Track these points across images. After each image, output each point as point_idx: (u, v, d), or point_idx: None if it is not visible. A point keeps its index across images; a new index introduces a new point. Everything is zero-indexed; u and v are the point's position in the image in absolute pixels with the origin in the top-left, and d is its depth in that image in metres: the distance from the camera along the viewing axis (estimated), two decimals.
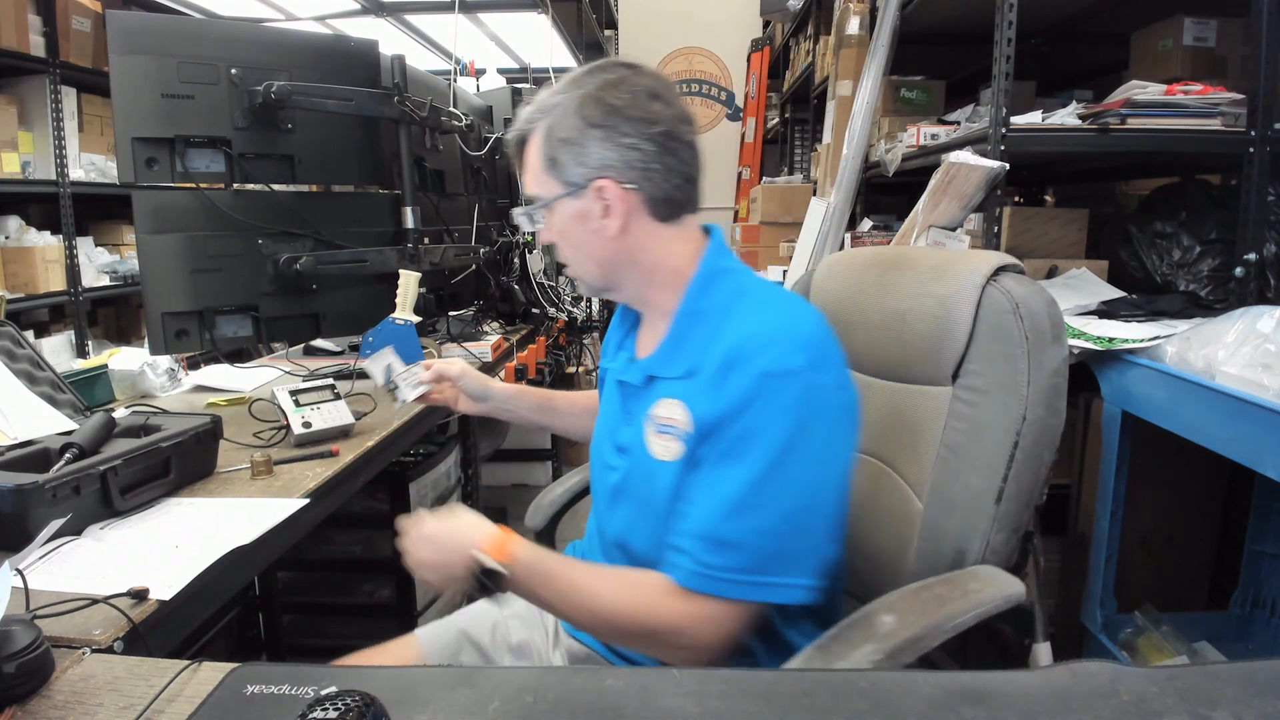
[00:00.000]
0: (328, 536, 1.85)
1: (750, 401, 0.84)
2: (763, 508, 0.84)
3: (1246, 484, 1.94)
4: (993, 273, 1.04)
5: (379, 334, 1.60)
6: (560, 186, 0.96)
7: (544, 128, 0.96)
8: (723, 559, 0.84)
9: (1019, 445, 0.98)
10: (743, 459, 0.85)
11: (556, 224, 0.99)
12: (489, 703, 0.65)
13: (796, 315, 0.92)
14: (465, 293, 2.42)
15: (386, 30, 3.38)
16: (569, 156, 0.94)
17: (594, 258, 0.99)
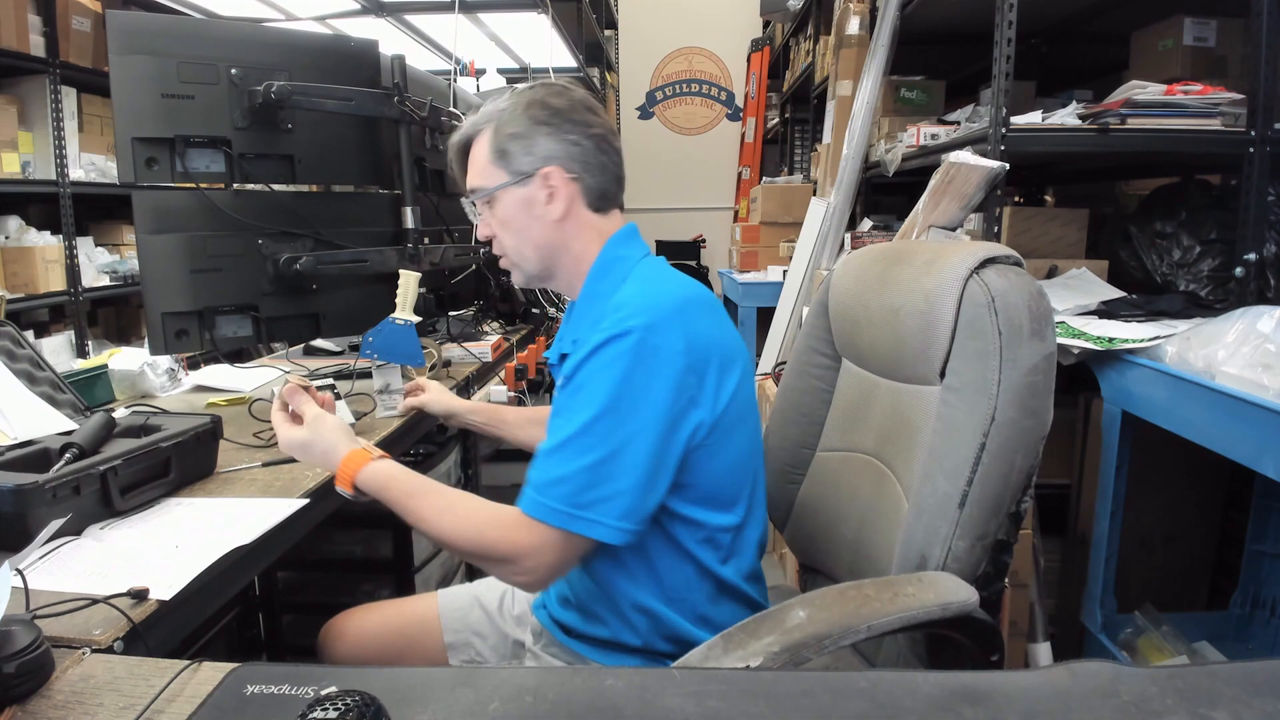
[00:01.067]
0: (328, 536, 1.85)
1: (589, 356, 0.96)
2: (586, 450, 0.94)
3: (1246, 484, 1.95)
4: (979, 265, 0.98)
5: (379, 334, 1.60)
6: (507, 175, 1.07)
7: (492, 128, 1.08)
8: (555, 491, 0.94)
9: (985, 448, 0.92)
10: (575, 406, 0.96)
11: (499, 213, 1.09)
12: (489, 703, 0.65)
13: (656, 287, 1.02)
14: (465, 293, 2.42)
15: (386, 30, 3.38)
16: (518, 148, 1.06)
17: (534, 243, 1.09)
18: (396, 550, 1.82)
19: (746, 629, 0.82)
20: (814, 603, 0.85)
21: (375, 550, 1.86)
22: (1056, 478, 2.17)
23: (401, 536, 1.82)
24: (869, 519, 1.13)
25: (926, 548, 0.96)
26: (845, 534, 1.12)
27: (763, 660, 0.77)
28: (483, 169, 1.09)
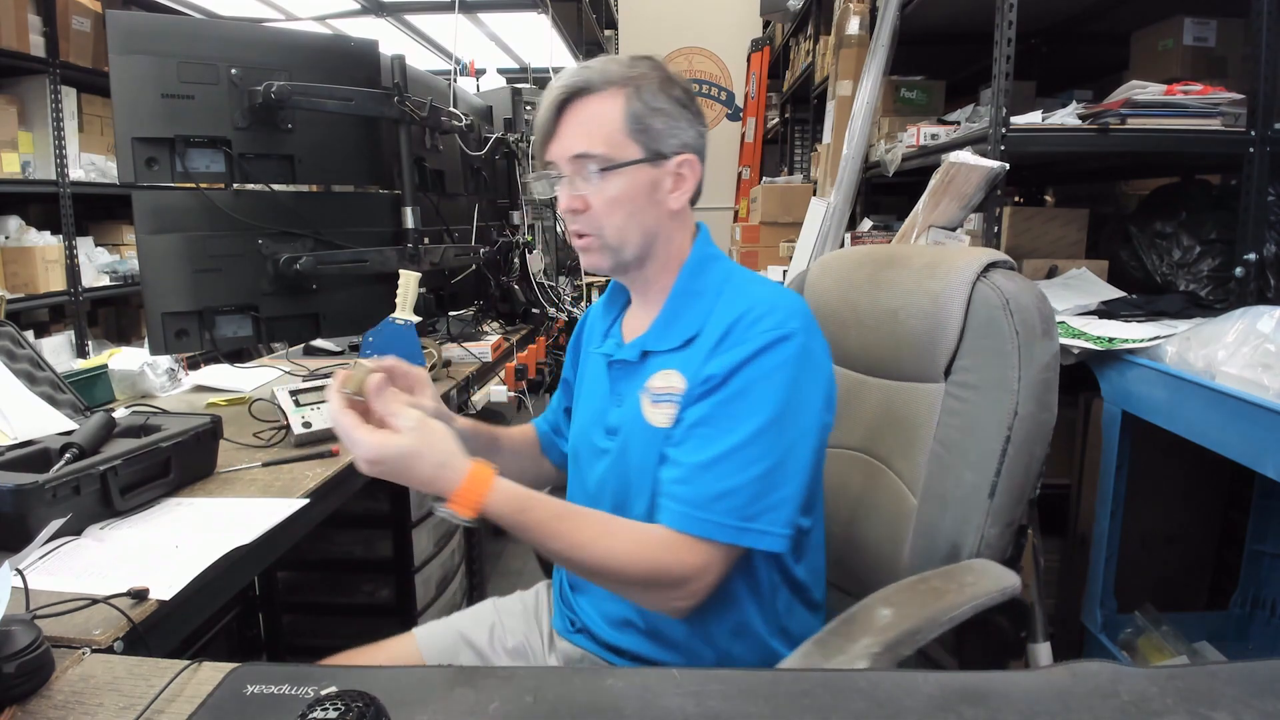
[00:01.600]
0: (328, 536, 1.85)
1: (751, 360, 0.90)
2: (755, 460, 0.88)
3: (1246, 484, 1.94)
4: (983, 269, 1.05)
5: (379, 334, 1.60)
6: (641, 152, 0.96)
7: (627, 93, 0.95)
8: (721, 506, 0.88)
9: (1011, 440, 0.99)
10: (737, 413, 0.90)
11: (611, 189, 0.96)
12: (489, 703, 0.65)
13: (786, 291, 1.00)
14: (465, 293, 2.42)
15: (386, 30, 3.38)
16: (663, 126, 0.96)
17: (644, 228, 0.99)
18: (396, 550, 1.82)
19: (838, 633, 0.83)
20: (892, 600, 0.88)
21: (375, 550, 1.86)
22: (1056, 478, 2.17)
23: (401, 536, 1.82)
24: (860, 513, 1.16)
25: (958, 537, 1.00)
26: (833, 529, 1.13)
27: (868, 662, 0.78)
28: (609, 136, 0.95)
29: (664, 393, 0.97)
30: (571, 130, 0.97)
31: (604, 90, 0.96)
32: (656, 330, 1.01)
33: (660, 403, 0.97)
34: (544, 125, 0.98)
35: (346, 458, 1.33)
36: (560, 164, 0.98)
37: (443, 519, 0.86)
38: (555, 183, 0.99)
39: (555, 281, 2.95)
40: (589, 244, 1.00)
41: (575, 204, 0.97)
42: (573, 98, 0.96)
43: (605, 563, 0.88)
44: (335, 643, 1.99)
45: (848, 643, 0.81)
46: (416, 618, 1.85)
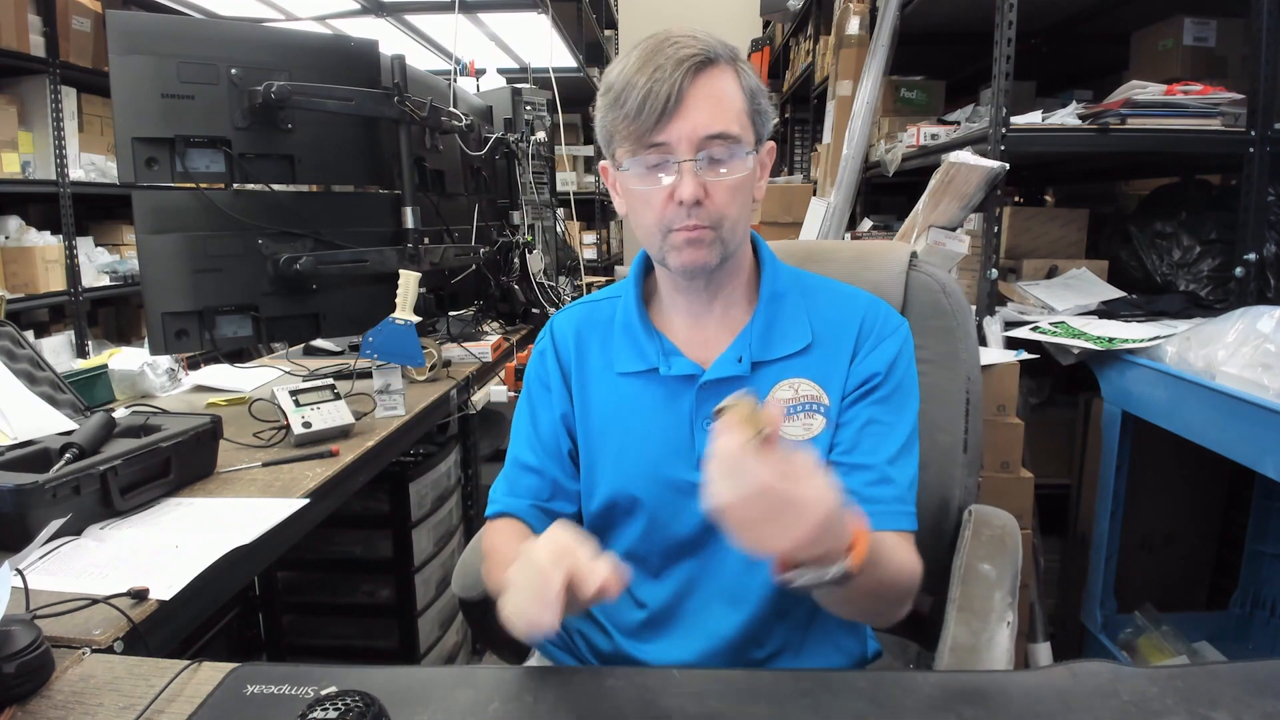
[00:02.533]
0: (328, 536, 1.85)
1: (901, 353, 0.93)
2: (914, 447, 0.92)
3: (1246, 484, 1.95)
4: (910, 260, 1.20)
5: (379, 334, 1.60)
6: (753, 135, 0.88)
7: (736, 70, 0.87)
8: (910, 495, 0.90)
9: (970, 400, 1.16)
10: (904, 407, 0.92)
11: (735, 175, 0.86)
12: (489, 703, 0.65)
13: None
14: (465, 293, 2.42)
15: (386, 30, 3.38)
16: (767, 110, 0.90)
17: (747, 221, 0.91)
18: (396, 550, 1.83)
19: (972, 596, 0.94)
20: (979, 555, 1.00)
21: (375, 550, 1.86)
22: (1056, 478, 2.17)
23: (401, 536, 1.82)
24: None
25: (944, 491, 1.15)
26: None
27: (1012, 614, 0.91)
28: (739, 116, 0.86)
29: (800, 402, 0.91)
30: (704, 106, 0.83)
31: (723, 63, 0.86)
32: (758, 337, 0.93)
33: (800, 414, 0.91)
34: (665, 101, 0.82)
35: (346, 457, 1.33)
36: (680, 147, 0.84)
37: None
38: (670, 166, 0.85)
39: (555, 281, 2.95)
40: (703, 236, 0.86)
41: (700, 193, 0.84)
42: (704, 67, 0.84)
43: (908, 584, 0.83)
44: (335, 643, 2.00)
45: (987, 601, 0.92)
46: (416, 618, 1.85)
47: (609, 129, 0.88)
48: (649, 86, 0.83)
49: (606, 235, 5.74)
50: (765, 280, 0.95)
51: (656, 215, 0.87)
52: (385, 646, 1.86)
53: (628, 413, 0.96)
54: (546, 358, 1.02)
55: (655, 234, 0.89)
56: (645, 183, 0.87)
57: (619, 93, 0.85)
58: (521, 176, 2.71)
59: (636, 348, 0.96)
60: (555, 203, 3.03)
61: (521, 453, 1.01)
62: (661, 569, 0.96)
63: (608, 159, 0.93)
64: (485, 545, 0.97)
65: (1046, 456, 2.08)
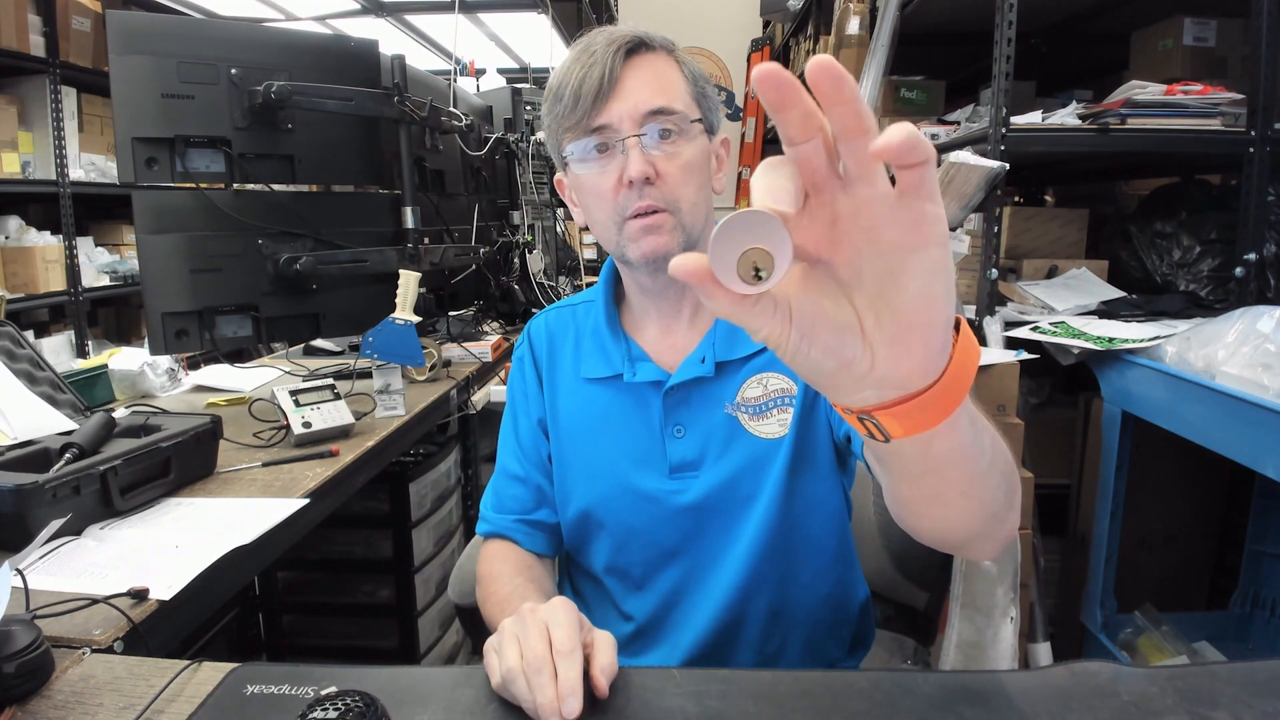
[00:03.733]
0: (328, 536, 1.85)
1: None
2: None
3: (1246, 484, 1.95)
4: None
5: (379, 334, 1.60)
6: (700, 117, 0.87)
7: (677, 60, 0.88)
8: None
9: None
10: None
11: (687, 153, 0.85)
12: (489, 703, 0.65)
13: None
14: (465, 293, 2.42)
15: (386, 30, 3.38)
16: (712, 100, 0.89)
17: (707, 206, 0.88)
18: (396, 550, 1.82)
19: (976, 592, 0.92)
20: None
21: (375, 550, 1.86)
22: (1056, 478, 2.17)
23: (401, 536, 1.82)
24: None
25: None
26: None
27: (1015, 608, 0.87)
28: (680, 95, 0.85)
29: (770, 398, 0.88)
30: (642, 84, 0.83)
31: (659, 51, 0.87)
32: (722, 336, 0.89)
33: (767, 411, 0.88)
34: (599, 81, 0.82)
35: (346, 457, 1.33)
36: (623, 125, 0.83)
37: None
38: (616, 148, 0.83)
39: (555, 281, 2.95)
40: (660, 221, 0.84)
41: (649, 170, 0.82)
42: (636, 50, 0.85)
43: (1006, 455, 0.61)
44: (335, 643, 2.00)
45: (990, 598, 0.91)
46: (416, 618, 1.85)
47: (554, 130, 0.87)
48: (583, 74, 0.83)
49: None
50: None
51: (609, 204, 0.85)
52: (385, 646, 1.86)
53: (597, 420, 0.94)
54: (524, 363, 1.02)
55: (611, 227, 0.86)
56: (591, 169, 0.85)
57: (556, 89, 0.85)
58: (521, 176, 2.71)
59: (603, 353, 0.94)
60: (555, 203, 3.03)
61: (507, 461, 1.02)
62: (645, 580, 0.95)
63: (559, 169, 0.91)
64: (480, 570, 0.96)
65: (1046, 456, 2.08)
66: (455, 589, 1.09)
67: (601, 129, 0.83)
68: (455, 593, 1.09)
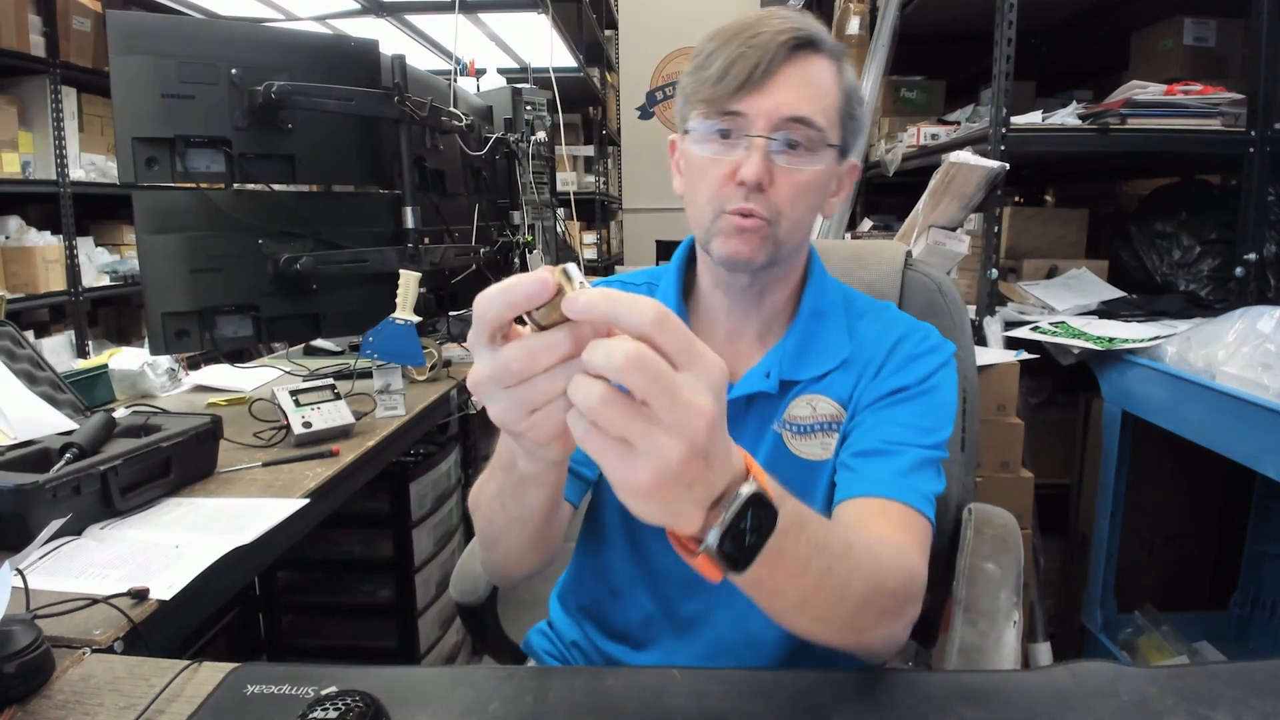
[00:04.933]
0: (328, 536, 1.85)
1: (934, 376, 0.85)
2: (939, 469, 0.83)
3: (1246, 484, 1.95)
4: (906, 259, 1.20)
5: (379, 334, 1.60)
6: (838, 138, 0.82)
7: (841, 69, 0.81)
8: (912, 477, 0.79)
9: (966, 399, 1.15)
10: (932, 419, 0.83)
11: (809, 171, 0.79)
12: (489, 703, 0.65)
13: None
14: (465, 293, 2.41)
15: (386, 30, 3.37)
16: (859, 118, 0.84)
17: (807, 227, 0.84)
18: (396, 550, 1.82)
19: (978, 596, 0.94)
20: (982, 554, 1.01)
21: (375, 550, 1.86)
22: (1056, 478, 2.17)
23: (401, 536, 1.82)
24: None
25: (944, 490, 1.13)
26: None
27: (1017, 613, 0.90)
28: (829, 109, 0.80)
29: (817, 421, 0.85)
30: (795, 85, 0.77)
31: (828, 53, 0.80)
32: (791, 355, 0.86)
33: (815, 433, 0.85)
34: (751, 69, 0.76)
35: (346, 457, 1.33)
36: (756, 122, 0.77)
37: None
38: (740, 141, 0.78)
39: None
40: (756, 227, 0.79)
41: (764, 177, 0.77)
42: (803, 48, 0.78)
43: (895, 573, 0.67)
44: (335, 643, 2.00)
45: (993, 601, 0.93)
46: (416, 618, 1.85)
47: (687, 93, 0.83)
48: (739, 52, 0.77)
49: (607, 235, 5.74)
50: (809, 294, 0.88)
51: (711, 191, 0.80)
52: (385, 646, 1.86)
53: None
54: None
55: (706, 213, 0.81)
56: (709, 150, 0.80)
57: (707, 55, 0.80)
58: (522, 176, 2.71)
59: None
60: (555, 203, 3.03)
61: None
62: (670, 571, 0.89)
63: (678, 130, 0.87)
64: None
65: (1046, 456, 2.08)
66: (457, 587, 1.09)
67: (734, 115, 0.78)
68: (457, 591, 1.08)
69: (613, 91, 6.11)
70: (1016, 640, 0.90)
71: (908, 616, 0.69)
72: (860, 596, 0.63)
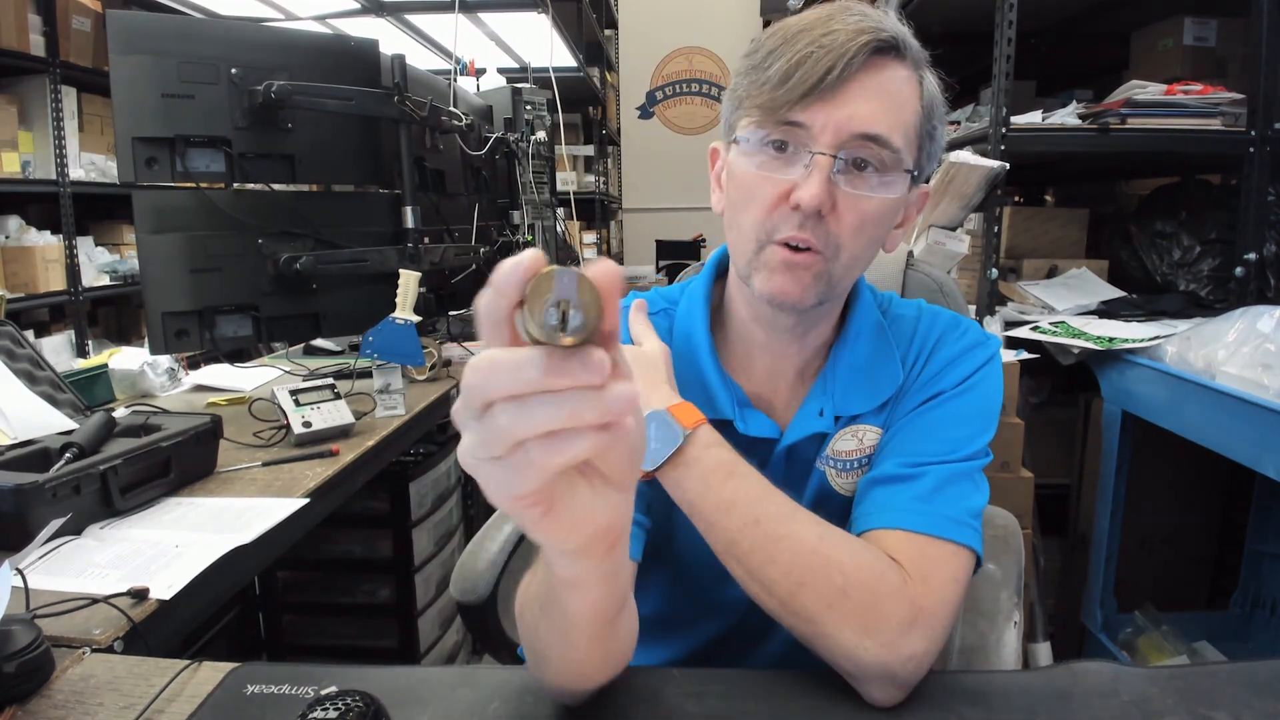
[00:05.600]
0: (328, 536, 1.85)
1: (975, 376, 0.76)
2: (977, 479, 0.74)
3: (1246, 484, 1.95)
4: (908, 259, 1.17)
5: (379, 334, 1.60)
6: (913, 162, 0.70)
7: (922, 81, 0.70)
8: (934, 500, 0.71)
9: None
10: (965, 426, 0.74)
11: (877, 199, 0.68)
12: (489, 703, 0.65)
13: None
14: (465, 292, 2.42)
15: (386, 30, 3.37)
16: (937, 143, 0.73)
17: (865, 262, 0.72)
18: (396, 550, 1.82)
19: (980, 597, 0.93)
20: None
21: (375, 550, 1.86)
22: (1056, 478, 2.17)
23: (402, 536, 1.82)
24: None
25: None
26: None
27: (1018, 613, 0.90)
28: (906, 128, 0.68)
29: (860, 456, 0.77)
30: (871, 96, 0.66)
31: (908, 63, 0.69)
32: (842, 387, 0.77)
33: (854, 469, 0.77)
34: (823, 74, 0.64)
35: (346, 457, 1.33)
36: (822, 136, 0.66)
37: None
38: (800, 157, 0.67)
39: None
40: (809, 263, 0.68)
41: (825, 203, 0.66)
42: (885, 52, 0.67)
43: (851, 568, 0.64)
44: (335, 643, 2.00)
45: (993, 602, 0.92)
46: (416, 618, 1.85)
47: (739, 96, 0.70)
48: (808, 51, 0.64)
49: (607, 235, 5.74)
50: (855, 318, 0.78)
51: (759, 215, 0.68)
52: (385, 646, 1.86)
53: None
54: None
55: (750, 240, 0.70)
56: (760, 166, 0.68)
57: (767, 53, 0.67)
58: (522, 176, 2.70)
59: (704, 389, 0.77)
60: (555, 202, 3.03)
61: None
62: (689, 623, 0.84)
63: (722, 138, 0.75)
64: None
65: (1046, 456, 2.08)
66: (457, 586, 1.08)
67: (794, 126, 0.66)
68: (457, 590, 1.08)
69: (613, 91, 6.11)
70: (1017, 640, 0.90)
71: (883, 632, 0.61)
72: (788, 567, 0.63)
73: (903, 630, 0.62)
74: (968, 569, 0.68)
